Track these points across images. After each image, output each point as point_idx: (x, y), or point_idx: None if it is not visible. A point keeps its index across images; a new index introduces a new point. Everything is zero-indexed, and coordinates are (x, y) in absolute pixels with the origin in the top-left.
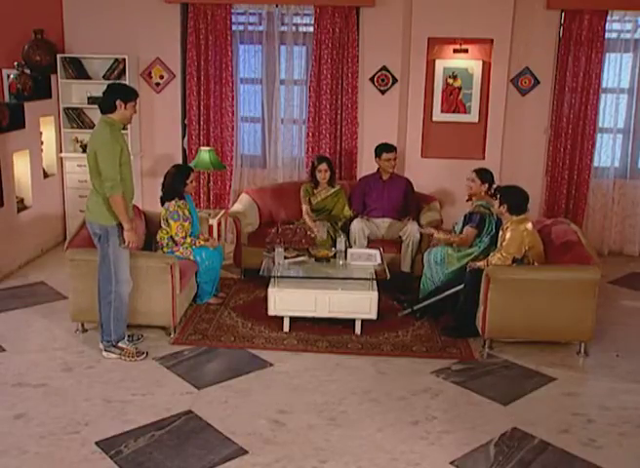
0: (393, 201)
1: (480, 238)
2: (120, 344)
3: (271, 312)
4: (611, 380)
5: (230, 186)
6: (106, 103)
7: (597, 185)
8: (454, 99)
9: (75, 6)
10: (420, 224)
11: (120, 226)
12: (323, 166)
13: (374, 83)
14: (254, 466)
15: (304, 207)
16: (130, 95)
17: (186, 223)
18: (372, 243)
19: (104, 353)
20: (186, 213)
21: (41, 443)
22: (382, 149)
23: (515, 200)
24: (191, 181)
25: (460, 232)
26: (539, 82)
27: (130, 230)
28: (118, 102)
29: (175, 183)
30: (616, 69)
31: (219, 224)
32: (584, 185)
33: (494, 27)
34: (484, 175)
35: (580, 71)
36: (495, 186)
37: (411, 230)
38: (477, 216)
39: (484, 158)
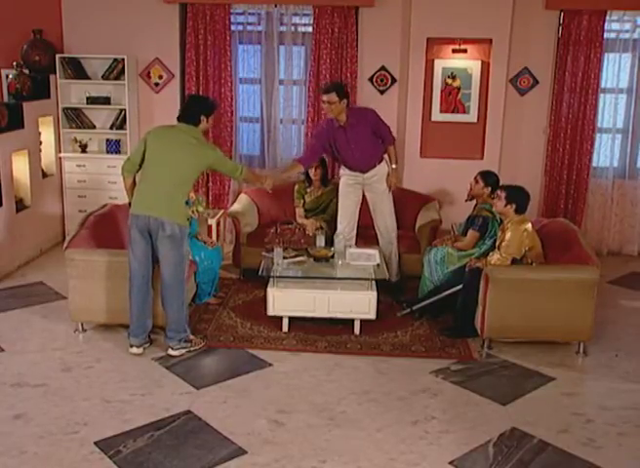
0: (364, 147)
1: (483, 240)
2: (190, 336)
3: (270, 312)
4: (610, 380)
5: (229, 186)
6: (193, 116)
7: (596, 185)
8: (453, 99)
9: (74, 6)
10: (414, 228)
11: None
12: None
13: (373, 83)
14: (253, 466)
15: (298, 210)
16: (212, 110)
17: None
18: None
19: (175, 352)
20: (200, 209)
21: (40, 443)
22: (321, 90)
23: (522, 200)
24: None
25: (464, 235)
26: (537, 82)
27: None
28: (202, 117)
29: None
30: (614, 69)
31: (218, 224)
32: (583, 185)
33: (493, 27)
34: (488, 178)
35: (579, 71)
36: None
37: (388, 242)
38: (480, 220)
39: (483, 158)
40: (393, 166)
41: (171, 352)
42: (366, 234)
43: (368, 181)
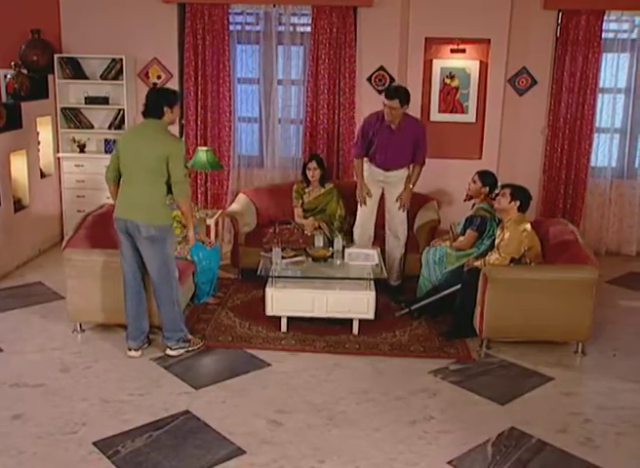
0: (401, 151)
1: (481, 240)
2: (188, 336)
3: (269, 312)
4: (608, 380)
5: (228, 186)
6: (156, 109)
7: (594, 185)
8: (451, 99)
9: (72, 6)
10: (412, 228)
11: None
12: (312, 164)
13: (371, 83)
14: (252, 466)
15: (296, 210)
16: (175, 100)
17: None
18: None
19: (173, 352)
20: None
21: (38, 443)
22: (385, 94)
23: (526, 199)
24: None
25: (462, 234)
26: (536, 82)
27: (192, 229)
28: (165, 109)
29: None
30: (613, 69)
31: (216, 224)
32: (582, 185)
33: (491, 27)
34: (486, 177)
35: (578, 71)
36: (501, 184)
37: (399, 231)
38: (478, 220)
39: (481, 158)
40: (410, 185)
41: (169, 352)
42: (382, 235)
43: (387, 180)
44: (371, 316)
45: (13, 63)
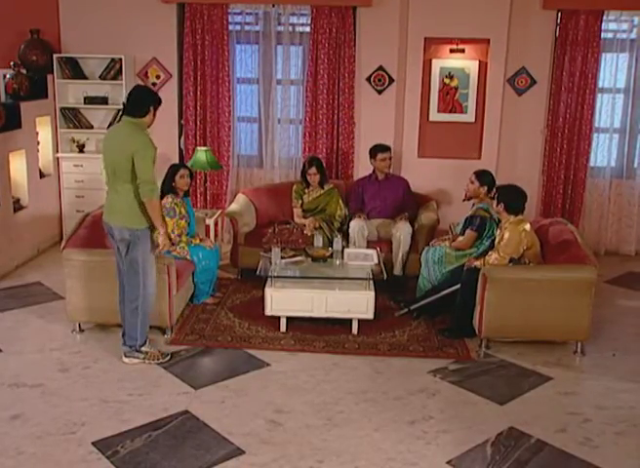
0: (389, 201)
1: (481, 240)
2: (143, 348)
3: (268, 312)
4: (607, 380)
5: (227, 186)
6: (142, 107)
7: (593, 185)
8: (450, 99)
9: (71, 6)
10: (413, 226)
11: (149, 229)
12: (312, 170)
13: (370, 83)
14: (251, 466)
15: (296, 210)
16: (159, 103)
17: (182, 221)
18: (368, 243)
19: (126, 359)
20: (183, 211)
21: (37, 443)
22: (377, 149)
23: (512, 199)
24: (181, 177)
25: (461, 234)
26: (535, 82)
27: (165, 234)
28: (151, 108)
29: (165, 180)
30: (612, 69)
31: (215, 224)
32: (581, 185)
33: (490, 27)
34: (483, 177)
35: (577, 71)
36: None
37: (402, 228)
38: (477, 220)
39: (480, 158)
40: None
41: (123, 359)
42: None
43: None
44: (370, 316)
45: (12, 63)
